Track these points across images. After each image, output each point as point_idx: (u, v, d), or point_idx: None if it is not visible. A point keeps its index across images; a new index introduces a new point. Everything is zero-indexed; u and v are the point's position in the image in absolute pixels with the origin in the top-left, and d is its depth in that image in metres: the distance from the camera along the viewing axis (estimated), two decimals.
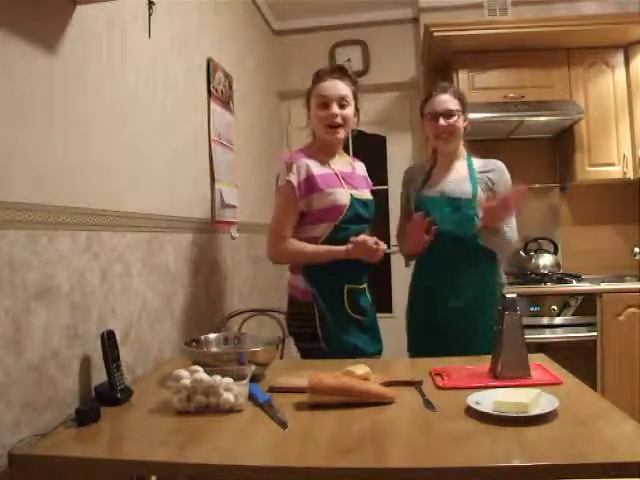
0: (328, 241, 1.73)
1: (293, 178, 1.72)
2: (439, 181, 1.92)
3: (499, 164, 1.94)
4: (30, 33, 1.19)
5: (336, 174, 1.77)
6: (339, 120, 1.76)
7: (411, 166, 2.13)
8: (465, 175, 1.90)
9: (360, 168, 1.94)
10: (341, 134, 1.79)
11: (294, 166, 1.73)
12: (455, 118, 1.86)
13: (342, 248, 1.70)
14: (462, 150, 1.97)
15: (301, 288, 1.78)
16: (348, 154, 1.97)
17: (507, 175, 1.92)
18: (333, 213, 1.72)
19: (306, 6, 3.40)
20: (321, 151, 1.81)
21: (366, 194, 1.85)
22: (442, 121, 1.86)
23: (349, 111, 1.78)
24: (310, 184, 1.72)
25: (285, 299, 1.88)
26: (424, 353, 1.77)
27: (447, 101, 1.88)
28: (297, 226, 1.77)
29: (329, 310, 1.73)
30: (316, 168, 1.75)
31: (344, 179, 1.78)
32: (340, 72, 1.82)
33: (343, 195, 1.73)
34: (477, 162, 1.95)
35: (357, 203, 1.76)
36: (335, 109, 1.75)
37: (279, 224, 1.77)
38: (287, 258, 1.83)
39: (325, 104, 1.76)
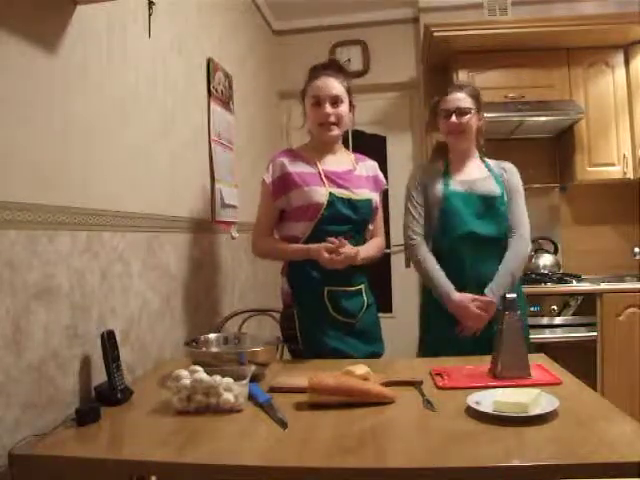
0: (310, 241, 1.70)
1: (267, 177, 1.77)
2: (461, 178, 1.91)
3: (510, 166, 1.96)
4: (30, 33, 1.19)
5: (319, 173, 1.74)
6: (332, 119, 1.75)
7: (421, 164, 2.11)
8: (487, 174, 1.91)
9: (365, 168, 1.87)
10: (335, 132, 1.78)
11: (270, 165, 1.78)
12: (468, 117, 1.87)
13: (304, 246, 1.69)
14: (474, 149, 1.96)
15: (286, 290, 1.80)
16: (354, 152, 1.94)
17: (517, 177, 1.93)
18: (310, 211, 1.70)
19: (306, 6, 3.40)
20: (316, 149, 1.80)
21: (359, 194, 1.75)
22: (454, 118, 1.87)
23: (343, 109, 1.76)
24: (286, 181, 1.73)
25: None
26: None
27: (460, 99, 1.88)
28: (279, 223, 1.81)
29: (308, 312, 1.72)
30: (295, 166, 1.74)
31: (329, 177, 1.73)
32: (333, 67, 1.80)
33: (320, 193, 1.69)
34: (490, 162, 1.96)
35: (339, 202, 1.70)
36: (328, 108, 1.73)
37: (257, 221, 1.85)
38: (263, 254, 1.88)
39: (318, 103, 1.75)
